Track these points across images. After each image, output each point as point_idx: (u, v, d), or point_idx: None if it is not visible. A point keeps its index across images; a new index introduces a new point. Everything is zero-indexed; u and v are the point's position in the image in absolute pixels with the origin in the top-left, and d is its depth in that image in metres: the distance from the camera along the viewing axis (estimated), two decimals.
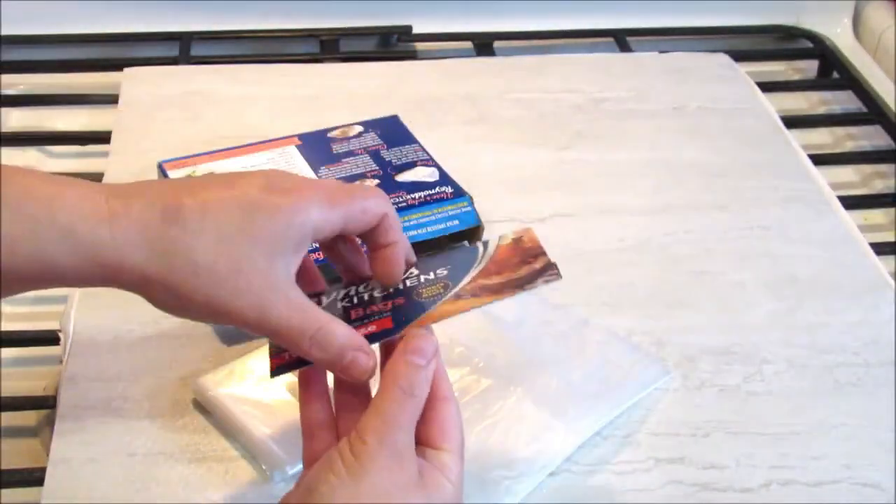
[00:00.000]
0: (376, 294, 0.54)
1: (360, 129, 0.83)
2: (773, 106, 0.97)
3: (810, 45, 1.16)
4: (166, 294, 0.48)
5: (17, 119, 1.01)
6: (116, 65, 0.99)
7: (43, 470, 0.61)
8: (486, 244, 0.56)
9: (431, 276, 0.54)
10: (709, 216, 0.82)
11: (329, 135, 0.82)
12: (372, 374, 0.51)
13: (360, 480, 0.47)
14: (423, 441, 0.50)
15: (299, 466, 0.60)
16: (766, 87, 1.01)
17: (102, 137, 0.89)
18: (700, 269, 0.77)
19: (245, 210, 0.49)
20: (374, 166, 0.78)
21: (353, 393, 0.52)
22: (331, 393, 0.54)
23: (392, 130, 0.83)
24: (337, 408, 0.53)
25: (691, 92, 0.98)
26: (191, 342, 0.69)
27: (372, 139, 0.82)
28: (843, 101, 1.09)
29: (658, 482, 0.62)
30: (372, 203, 0.52)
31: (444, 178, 0.78)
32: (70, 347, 0.68)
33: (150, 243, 0.48)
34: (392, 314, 0.52)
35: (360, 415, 0.49)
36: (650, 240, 0.80)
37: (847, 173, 1.00)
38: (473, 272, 0.54)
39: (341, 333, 0.50)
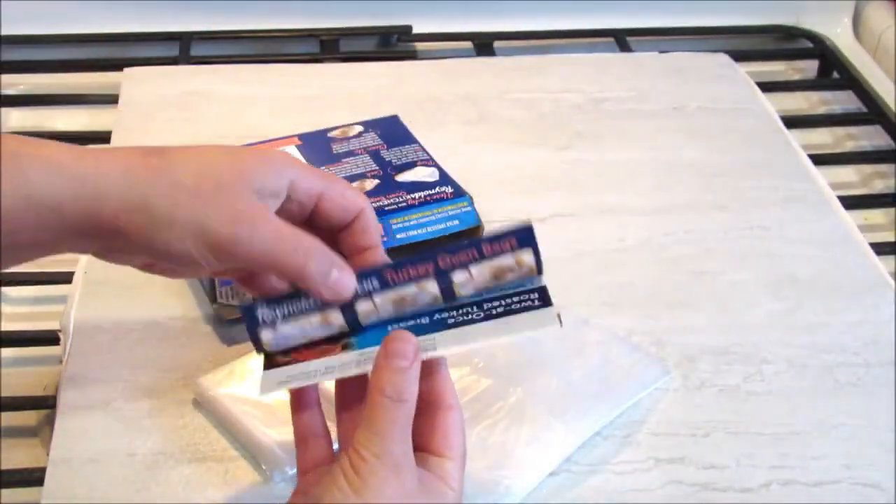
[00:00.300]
0: None
1: (360, 129, 0.83)
2: (773, 106, 0.97)
3: (810, 45, 1.16)
4: (150, 222, 0.47)
5: (17, 119, 1.01)
6: (116, 65, 0.99)
7: (43, 470, 0.61)
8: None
9: None
10: (709, 216, 0.82)
11: (329, 135, 0.82)
12: (351, 293, 0.51)
13: (363, 495, 0.47)
14: (425, 448, 0.50)
15: None
16: (766, 87, 1.01)
17: (102, 137, 0.89)
18: (700, 269, 0.77)
19: (227, 152, 0.50)
20: (374, 166, 0.78)
21: (355, 394, 0.52)
22: (324, 401, 0.54)
23: (392, 130, 0.83)
24: (337, 410, 0.53)
25: (691, 92, 0.98)
26: (191, 342, 0.69)
27: (372, 139, 0.82)
28: (843, 101, 1.09)
29: (658, 482, 0.62)
30: (352, 193, 0.53)
31: (444, 178, 0.78)
32: (70, 347, 0.68)
33: (132, 171, 0.48)
34: None
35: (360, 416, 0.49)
36: (650, 240, 0.80)
37: (847, 173, 1.00)
38: None
39: (327, 249, 0.50)
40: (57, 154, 0.47)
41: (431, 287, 0.52)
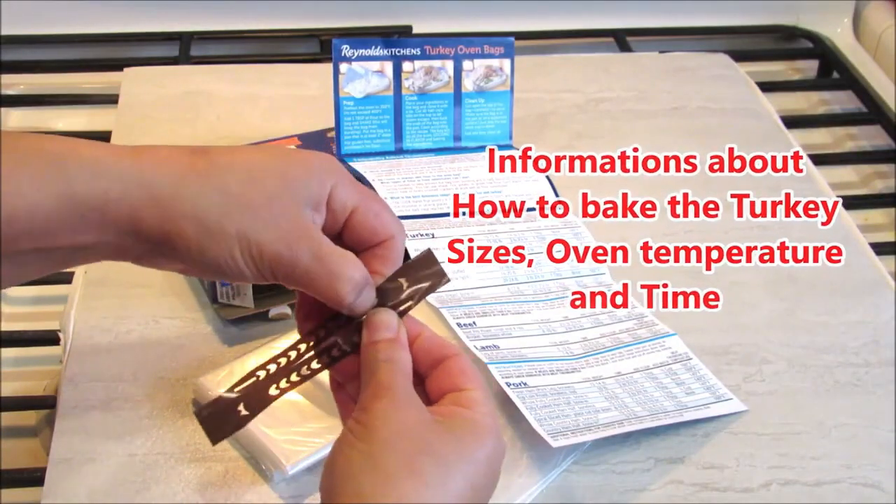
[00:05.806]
0: None
1: None
2: (773, 106, 0.97)
3: (810, 45, 1.16)
4: (199, 231, 0.46)
5: (17, 119, 1.01)
6: (116, 65, 0.99)
7: (43, 470, 0.61)
8: None
9: None
10: (709, 216, 0.82)
11: (329, 135, 0.82)
12: (372, 304, 0.50)
13: (371, 440, 0.45)
14: (446, 389, 0.49)
15: (299, 466, 0.60)
16: (766, 87, 1.01)
17: (102, 137, 0.89)
18: (700, 269, 0.77)
19: (273, 157, 0.49)
20: None
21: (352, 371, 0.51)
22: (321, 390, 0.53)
23: None
24: (334, 392, 0.53)
25: (691, 92, 0.98)
26: (191, 342, 0.69)
27: None
28: (843, 101, 1.09)
29: (658, 482, 0.62)
30: (388, 217, 0.51)
31: None
32: (70, 347, 0.68)
33: (179, 176, 0.46)
34: None
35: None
36: (651, 239, 0.80)
37: (847, 173, 1.00)
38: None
39: (356, 265, 0.49)
40: (97, 153, 0.46)
41: None
